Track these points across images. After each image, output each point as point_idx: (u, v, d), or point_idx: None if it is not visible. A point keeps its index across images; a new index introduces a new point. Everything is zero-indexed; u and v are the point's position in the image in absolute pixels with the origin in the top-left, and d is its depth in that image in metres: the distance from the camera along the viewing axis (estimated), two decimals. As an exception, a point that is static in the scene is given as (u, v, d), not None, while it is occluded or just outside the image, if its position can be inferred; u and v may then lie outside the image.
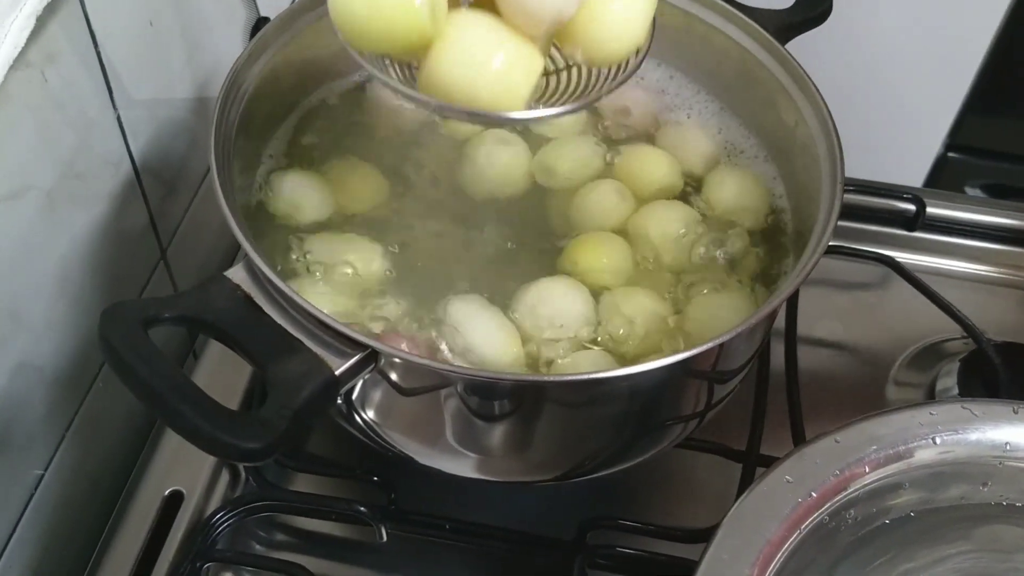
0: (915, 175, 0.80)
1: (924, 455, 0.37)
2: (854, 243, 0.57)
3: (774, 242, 0.46)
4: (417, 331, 0.40)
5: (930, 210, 0.58)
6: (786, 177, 0.47)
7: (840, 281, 0.58)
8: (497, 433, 0.40)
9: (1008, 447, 0.37)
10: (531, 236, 0.45)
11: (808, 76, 0.44)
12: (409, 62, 0.36)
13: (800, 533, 0.35)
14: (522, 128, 0.46)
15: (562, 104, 0.37)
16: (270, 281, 0.35)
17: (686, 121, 0.49)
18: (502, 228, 0.45)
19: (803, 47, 0.48)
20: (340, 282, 0.42)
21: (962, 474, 0.37)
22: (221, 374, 0.50)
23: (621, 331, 0.41)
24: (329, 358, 0.34)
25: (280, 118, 0.48)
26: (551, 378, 0.39)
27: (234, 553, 0.45)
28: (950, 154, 0.79)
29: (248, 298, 0.35)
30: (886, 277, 0.56)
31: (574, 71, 0.38)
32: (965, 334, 0.52)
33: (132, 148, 0.52)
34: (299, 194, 0.45)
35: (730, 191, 0.46)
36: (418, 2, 0.33)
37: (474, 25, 0.34)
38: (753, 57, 0.46)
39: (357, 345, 0.35)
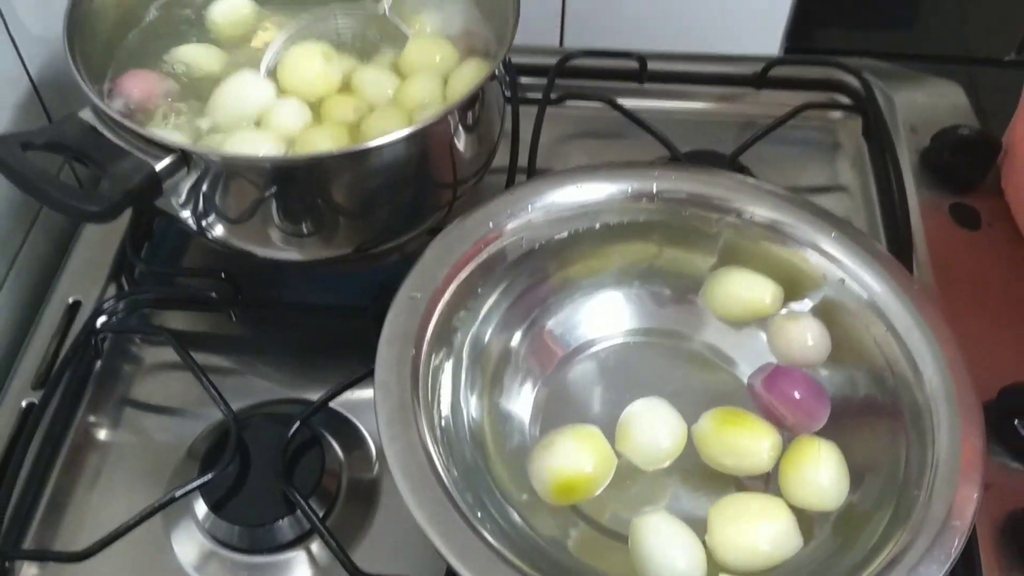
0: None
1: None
2: (592, 94, 0.74)
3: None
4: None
5: (652, 66, 0.75)
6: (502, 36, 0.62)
7: (586, 130, 0.75)
8: (300, 214, 0.56)
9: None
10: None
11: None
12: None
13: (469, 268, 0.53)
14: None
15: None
16: (106, 114, 0.52)
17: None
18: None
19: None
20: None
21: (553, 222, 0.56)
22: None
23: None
24: (150, 160, 0.51)
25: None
26: (317, 154, 0.55)
27: (119, 326, 0.62)
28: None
29: (94, 128, 0.52)
30: (622, 123, 0.72)
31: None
32: (669, 152, 0.70)
33: (29, 68, 0.68)
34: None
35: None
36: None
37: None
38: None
39: (169, 149, 0.51)
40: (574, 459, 0.49)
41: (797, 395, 0.51)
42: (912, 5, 0.86)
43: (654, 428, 0.50)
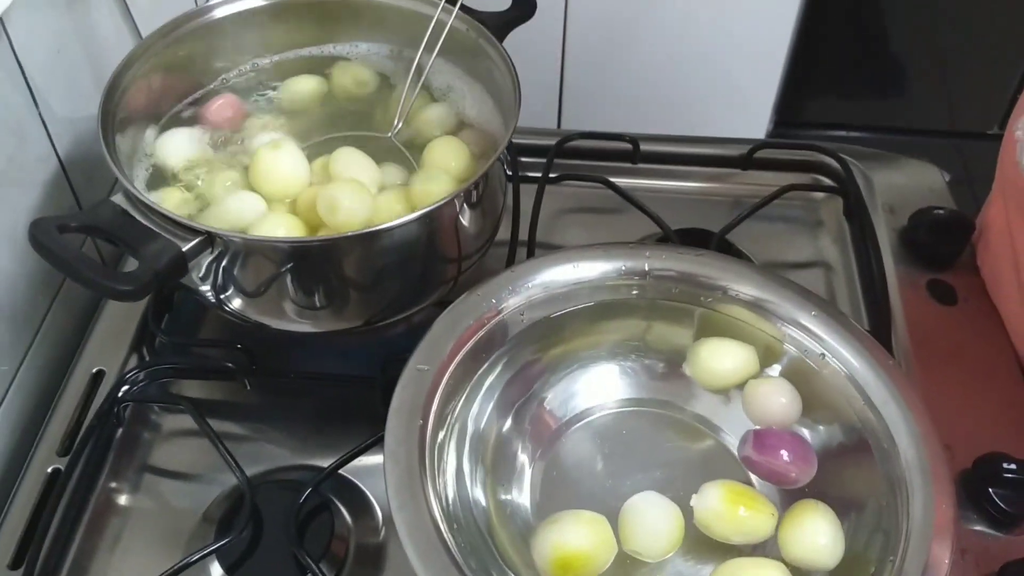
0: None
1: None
2: (588, 174, 0.78)
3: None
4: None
5: (644, 147, 0.80)
6: (507, 121, 0.67)
7: (582, 206, 0.80)
8: (313, 290, 0.60)
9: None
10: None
11: (507, 56, 0.66)
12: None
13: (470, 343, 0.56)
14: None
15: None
16: (138, 199, 0.56)
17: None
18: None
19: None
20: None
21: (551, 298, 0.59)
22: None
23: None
24: (177, 241, 0.55)
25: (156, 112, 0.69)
26: (331, 236, 0.59)
27: (141, 395, 0.65)
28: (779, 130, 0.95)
29: (125, 212, 0.56)
30: (616, 200, 0.77)
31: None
32: (660, 229, 0.74)
33: (58, 148, 0.72)
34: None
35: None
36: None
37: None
38: (481, 46, 0.68)
39: (196, 232, 0.55)
40: (575, 538, 0.52)
41: (787, 452, 0.55)
42: (900, 80, 0.91)
43: (656, 526, 0.53)
